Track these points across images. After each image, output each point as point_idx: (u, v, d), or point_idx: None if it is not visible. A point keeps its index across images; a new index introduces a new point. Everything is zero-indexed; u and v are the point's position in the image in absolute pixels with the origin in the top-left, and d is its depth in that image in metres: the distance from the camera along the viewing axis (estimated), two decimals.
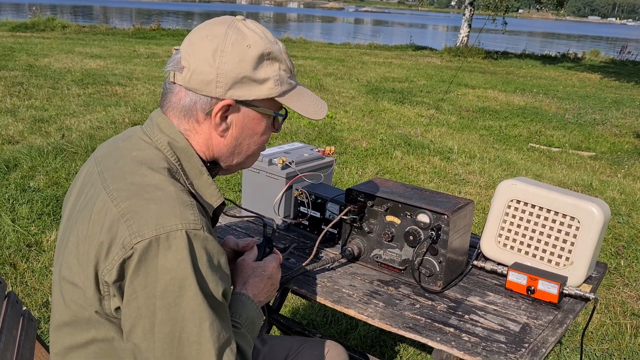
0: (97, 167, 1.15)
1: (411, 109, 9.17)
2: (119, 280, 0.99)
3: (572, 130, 8.52)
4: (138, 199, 1.02)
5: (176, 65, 1.14)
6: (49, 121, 6.45)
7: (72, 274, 1.06)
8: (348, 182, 5.14)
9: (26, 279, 3.15)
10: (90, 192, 1.10)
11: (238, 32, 1.13)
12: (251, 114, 1.17)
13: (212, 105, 1.13)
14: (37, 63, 10.58)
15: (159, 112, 1.18)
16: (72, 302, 1.07)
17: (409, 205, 1.62)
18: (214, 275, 1.03)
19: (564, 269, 1.66)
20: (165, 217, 0.99)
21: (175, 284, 0.98)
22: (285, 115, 1.24)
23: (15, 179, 4.52)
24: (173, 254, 0.98)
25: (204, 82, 1.11)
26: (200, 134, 1.16)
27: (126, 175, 1.07)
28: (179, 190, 1.05)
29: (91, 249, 1.02)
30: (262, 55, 1.13)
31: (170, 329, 0.98)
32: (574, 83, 14.78)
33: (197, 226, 1.01)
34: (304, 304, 3.09)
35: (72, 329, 1.09)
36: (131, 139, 1.17)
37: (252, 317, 1.22)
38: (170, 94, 1.16)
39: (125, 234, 0.98)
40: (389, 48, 22.18)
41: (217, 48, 1.11)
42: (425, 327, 1.43)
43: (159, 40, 17.66)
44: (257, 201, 2.00)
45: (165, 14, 41.03)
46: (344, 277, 1.67)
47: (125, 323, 1.01)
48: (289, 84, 1.19)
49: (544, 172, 6.10)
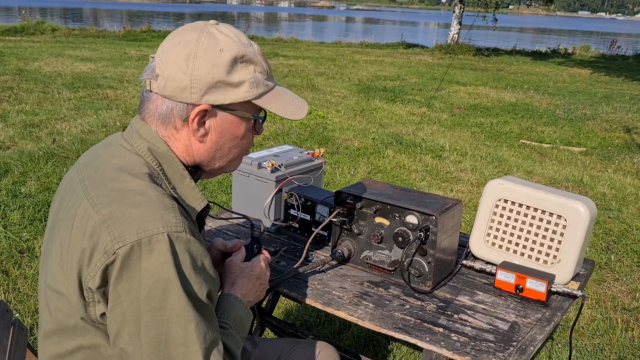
0: (78, 175, 1.16)
1: (403, 108, 9.19)
2: (103, 286, 1.00)
3: (562, 126, 8.56)
4: (119, 204, 1.02)
5: (151, 73, 1.14)
6: (40, 126, 6.43)
7: (57, 282, 1.07)
8: (340, 182, 5.15)
9: (18, 285, 3.14)
10: (72, 200, 1.11)
11: (210, 36, 1.13)
12: (229, 118, 1.17)
13: (188, 111, 1.13)
14: (27, 67, 10.53)
15: (138, 119, 1.19)
16: (58, 311, 1.08)
17: (397, 206, 1.63)
18: (197, 277, 1.04)
19: (551, 267, 1.68)
20: (146, 221, 1.00)
21: (159, 287, 0.98)
22: (264, 117, 1.24)
23: (6, 185, 4.50)
24: (155, 257, 0.98)
25: (179, 88, 1.11)
26: (179, 140, 1.17)
27: (107, 182, 1.08)
28: (160, 194, 1.06)
29: (74, 257, 1.03)
30: (235, 59, 1.13)
31: (156, 332, 0.99)
32: (565, 79, 14.85)
33: (179, 229, 1.02)
34: (296, 305, 3.09)
35: (58, 338, 1.10)
36: (111, 146, 1.17)
37: (240, 317, 1.23)
38: (147, 101, 1.17)
39: (107, 239, 0.99)
40: (380, 46, 22.21)
41: (189, 54, 1.11)
42: (414, 327, 1.44)
43: (150, 42, 17.60)
44: (248, 204, 2.00)
45: (156, 16, 40.90)
46: (335, 279, 1.68)
47: (111, 328, 1.02)
48: (266, 85, 1.19)
49: (535, 168, 6.14)
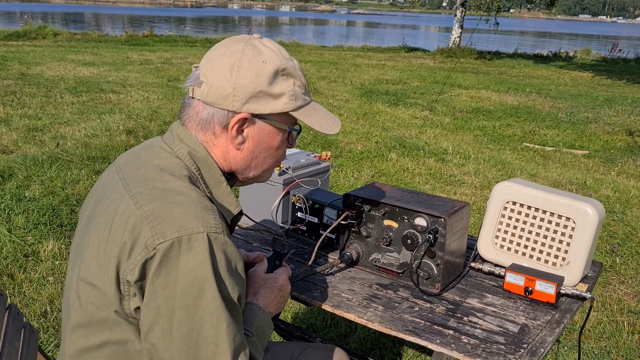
0: (118, 174, 1.19)
1: (405, 111, 9.20)
2: (141, 280, 1.02)
3: (565, 129, 8.56)
4: (161, 202, 1.05)
5: (195, 80, 1.18)
6: (43, 130, 6.44)
7: (91, 275, 1.08)
8: (344, 185, 5.15)
9: (24, 289, 3.14)
10: (112, 197, 1.14)
11: (254, 49, 1.18)
12: (267, 127, 1.21)
13: (229, 118, 1.17)
14: (29, 71, 10.56)
15: (178, 124, 1.22)
16: (89, 304, 1.09)
17: (406, 209, 1.63)
18: (231, 279, 1.06)
19: (560, 269, 1.68)
20: (187, 220, 1.03)
21: (195, 285, 1.01)
22: (300, 130, 1.28)
23: (11, 189, 4.51)
24: (194, 255, 1.01)
25: (222, 96, 1.15)
26: (217, 147, 1.20)
27: (149, 181, 1.11)
28: (200, 196, 1.09)
29: (113, 250, 1.05)
30: (277, 71, 1.18)
31: (188, 329, 1.01)
32: (566, 82, 14.86)
33: (217, 230, 1.05)
34: (303, 308, 3.09)
35: (86, 331, 1.11)
36: (152, 148, 1.21)
37: (262, 326, 1.25)
38: (188, 107, 1.21)
39: (148, 235, 1.02)
40: (382, 50, 22.24)
41: (234, 64, 1.16)
42: (424, 329, 1.44)
43: (152, 46, 17.65)
44: (255, 208, 2.01)
45: (158, 20, 41.01)
46: (343, 281, 1.68)
47: (144, 322, 1.03)
48: (303, 99, 1.24)
49: (539, 171, 6.14)
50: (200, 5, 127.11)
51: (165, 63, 13.28)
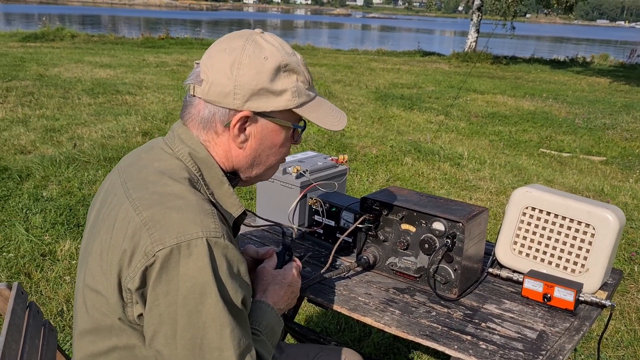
0: (120, 177, 1.18)
1: (420, 115, 9.17)
2: (142, 288, 1.01)
3: (582, 135, 8.49)
4: (160, 207, 1.04)
5: (196, 78, 1.16)
6: (61, 131, 6.51)
7: (96, 282, 1.08)
8: (359, 189, 5.15)
9: (41, 288, 3.17)
10: (114, 202, 1.13)
11: (255, 44, 1.15)
12: (269, 125, 1.18)
13: (230, 116, 1.15)
14: (47, 73, 10.68)
15: (179, 123, 1.21)
16: (95, 310, 1.09)
17: (424, 213, 1.62)
18: (233, 283, 1.05)
19: (579, 276, 1.66)
20: (186, 225, 1.01)
21: (196, 291, 1.00)
22: (304, 126, 1.25)
23: (29, 189, 4.56)
24: (194, 261, 1.00)
25: (222, 94, 1.13)
26: (219, 146, 1.18)
27: (148, 185, 1.09)
28: (199, 199, 1.07)
29: (114, 257, 1.04)
30: (279, 67, 1.15)
31: (192, 335, 1.00)
32: (583, 87, 14.73)
33: (217, 234, 1.03)
34: (317, 311, 3.09)
35: (94, 337, 1.11)
36: (153, 150, 1.20)
37: (271, 324, 1.24)
38: (190, 106, 1.19)
39: (148, 241, 1.00)
40: (397, 54, 22.21)
41: (234, 61, 1.13)
42: (442, 335, 1.43)
43: (168, 49, 17.78)
44: (272, 210, 2.01)
45: (174, 23, 41.29)
46: (360, 285, 1.68)
47: (148, 330, 1.03)
48: (307, 95, 1.21)
49: (555, 177, 6.09)
50: (216, 8, 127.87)
51: (180, 65, 13.37)
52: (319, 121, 1.21)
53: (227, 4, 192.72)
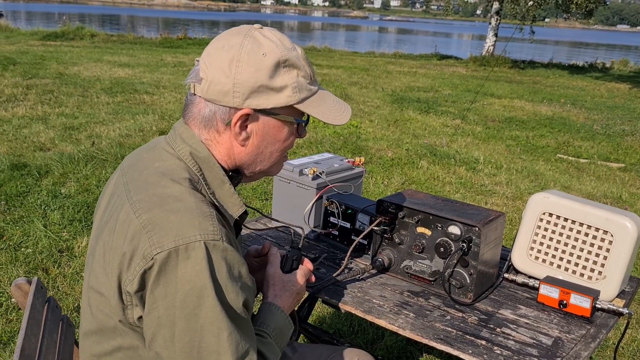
0: (123, 177, 1.19)
1: (436, 119, 9.14)
2: (140, 290, 1.02)
3: (600, 141, 8.40)
4: (159, 210, 1.04)
5: (195, 77, 1.16)
6: (79, 129, 6.58)
7: (99, 283, 1.09)
8: (374, 192, 5.14)
9: (58, 284, 3.21)
10: (116, 203, 1.14)
11: (254, 41, 1.13)
12: (271, 122, 1.17)
13: (231, 115, 1.14)
14: (66, 71, 10.80)
15: (181, 122, 1.21)
16: (99, 311, 1.10)
17: (440, 217, 1.62)
18: (233, 286, 1.04)
19: (596, 283, 1.65)
20: (184, 229, 1.01)
21: (194, 295, 1.00)
22: (307, 121, 1.23)
23: (47, 186, 4.62)
24: (192, 264, 1.00)
25: (222, 92, 1.12)
26: (221, 144, 1.18)
27: (149, 186, 1.10)
28: (198, 202, 1.07)
29: (115, 259, 1.05)
30: (278, 63, 1.13)
31: (190, 339, 1.00)
32: (602, 93, 14.58)
33: (215, 237, 1.03)
34: (330, 313, 3.09)
35: (98, 337, 1.12)
36: (155, 149, 1.20)
37: (280, 327, 1.24)
38: (191, 105, 1.18)
39: (146, 245, 1.01)
40: (414, 57, 22.14)
41: (233, 58, 1.12)
42: (456, 339, 1.43)
43: (186, 49, 17.89)
44: (288, 211, 2.02)
45: (192, 23, 41.58)
46: (374, 287, 1.68)
47: (147, 332, 1.03)
48: (309, 90, 1.19)
49: (573, 183, 6.03)
50: (234, 9, 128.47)
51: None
52: (321, 116, 1.19)
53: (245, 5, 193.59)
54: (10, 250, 3.52)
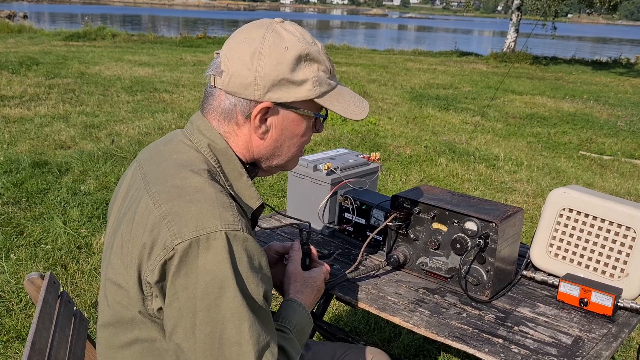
0: (140, 170, 1.18)
1: (456, 116, 9.05)
2: (161, 281, 1.01)
3: (624, 137, 8.24)
4: (179, 201, 1.03)
5: (216, 69, 1.15)
6: (99, 127, 6.65)
7: (117, 275, 1.08)
8: (392, 189, 5.10)
9: (76, 279, 3.24)
10: (134, 195, 1.13)
11: (275, 34, 1.13)
12: (291, 115, 1.17)
13: (251, 108, 1.14)
14: (88, 71, 10.93)
15: (199, 115, 1.20)
16: (116, 303, 1.10)
17: (456, 212, 1.59)
18: (254, 277, 1.03)
19: (618, 281, 1.60)
20: (205, 219, 1.00)
21: (215, 285, 0.98)
22: (326, 115, 1.23)
23: (67, 183, 4.66)
24: (213, 255, 0.99)
25: (243, 85, 1.12)
26: (240, 137, 1.18)
27: (167, 178, 1.09)
28: (218, 192, 1.06)
29: (134, 250, 1.04)
30: (299, 57, 1.13)
31: (211, 330, 0.99)
32: (627, 89, 14.31)
33: (236, 227, 1.02)
34: (346, 311, 3.07)
35: (115, 329, 1.12)
36: (172, 142, 1.19)
37: (301, 323, 1.24)
38: (210, 97, 1.18)
39: (167, 235, 1.00)
40: (433, 54, 21.99)
41: (254, 51, 1.12)
42: (472, 337, 1.39)
43: (205, 48, 17.99)
44: (302, 207, 2.00)
45: (211, 23, 41.81)
46: (389, 284, 1.65)
47: (168, 323, 1.02)
48: (329, 84, 1.19)
49: (595, 180, 5.92)
50: (253, 8, 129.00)
51: None
52: (340, 110, 1.20)
53: (264, 4, 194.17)
54: (30, 247, 3.56)
